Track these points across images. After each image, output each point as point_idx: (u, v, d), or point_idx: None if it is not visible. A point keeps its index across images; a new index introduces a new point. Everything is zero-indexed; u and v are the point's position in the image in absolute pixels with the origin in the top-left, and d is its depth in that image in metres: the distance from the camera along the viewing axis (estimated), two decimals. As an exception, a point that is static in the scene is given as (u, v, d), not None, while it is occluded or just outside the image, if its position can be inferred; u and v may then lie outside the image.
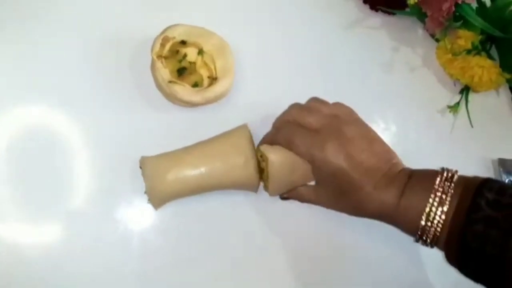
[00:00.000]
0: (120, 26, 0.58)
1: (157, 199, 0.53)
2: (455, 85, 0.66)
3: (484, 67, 0.61)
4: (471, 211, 0.43)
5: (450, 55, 0.63)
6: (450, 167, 0.62)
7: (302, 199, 0.54)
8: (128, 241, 0.54)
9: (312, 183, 0.52)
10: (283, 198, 0.55)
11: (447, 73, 0.65)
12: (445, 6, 0.58)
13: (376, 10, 0.66)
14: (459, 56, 0.62)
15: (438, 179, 0.46)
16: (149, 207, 0.54)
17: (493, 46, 0.65)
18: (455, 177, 0.46)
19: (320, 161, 0.48)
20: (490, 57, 0.63)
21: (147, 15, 0.59)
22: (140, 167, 0.53)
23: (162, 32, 0.55)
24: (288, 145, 0.50)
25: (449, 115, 0.64)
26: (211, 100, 0.55)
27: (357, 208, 0.49)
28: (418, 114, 0.65)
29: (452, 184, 0.45)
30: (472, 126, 0.64)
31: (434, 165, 0.62)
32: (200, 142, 0.54)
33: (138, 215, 0.55)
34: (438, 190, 0.45)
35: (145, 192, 0.52)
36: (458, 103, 0.64)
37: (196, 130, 0.55)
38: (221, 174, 0.53)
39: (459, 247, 0.43)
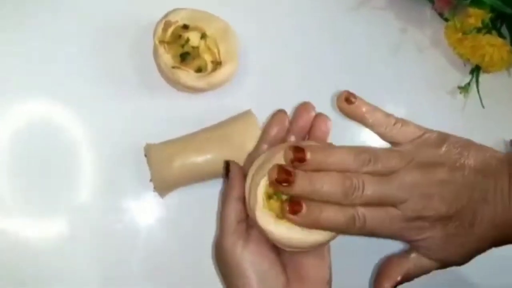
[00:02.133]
0: (121, 12, 0.57)
1: (163, 186, 0.52)
2: (465, 65, 0.64)
3: (495, 46, 0.60)
4: None
5: (459, 35, 0.61)
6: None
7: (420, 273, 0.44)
8: (134, 231, 0.53)
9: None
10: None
11: (456, 53, 0.63)
12: (454, -17, 0.57)
13: (383, -10, 0.64)
14: (469, 35, 0.60)
15: None
16: (155, 195, 0.53)
17: (504, 25, 0.63)
18: None
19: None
20: (501, 35, 0.62)
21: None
22: (145, 155, 0.53)
23: (164, 17, 0.54)
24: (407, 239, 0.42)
25: (460, 96, 0.63)
26: (215, 85, 0.54)
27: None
28: (428, 96, 0.63)
29: None
30: (483, 107, 0.62)
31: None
32: (205, 128, 0.54)
33: (144, 203, 0.54)
34: None
35: (151, 180, 0.52)
36: (468, 84, 0.62)
37: (200, 116, 0.55)
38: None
39: None
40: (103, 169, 0.54)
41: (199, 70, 0.54)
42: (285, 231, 0.40)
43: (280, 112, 0.47)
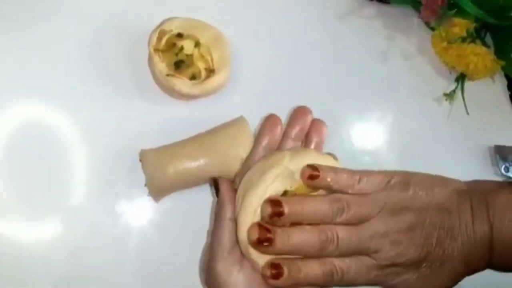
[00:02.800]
0: (116, 20, 0.58)
1: (158, 191, 0.53)
2: (450, 73, 0.66)
3: (479, 55, 0.61)
4: None
5: (445, 43, 0.63)
6: (447, 155, 0.63)
7: None
8: (128, 235, 0.54)
9: None
10: None
11: (442, 61, 0.65)
12: (440, -6, 0.59)
13: (371, 0, 0.66)
14: (454, 44, 0.62)
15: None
16: (150, 200, 0.54)
17: (488, 34, 0.65)
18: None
19: None
20: (485, 44, 0.64)
21: (143, 8, 0.59)
22: (140, 160, 0.53)
23: (158, 26, 0.55)
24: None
25: (445, 103, 0.65)
26: (209, 92, 0.55)
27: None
28: (414, 102, 0.65)
29: None
30: (468, 114, 0.64)
31: (431, 153, 0.63)
32: (199, 134, 0.55)
33: (139, 208, 0.55)
34: None
35: (145, 185, 0.53)
36: (454, 91, 0.64)
37: (194, 122, 0.56)
38: (221, 165, 0.53)
39: None
40: (99, 173, 0.55)
41: (193, 77, 0.55)
42: None
43: (272, 117, 0.47)
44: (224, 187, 0.43)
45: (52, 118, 0.56)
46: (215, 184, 0.44)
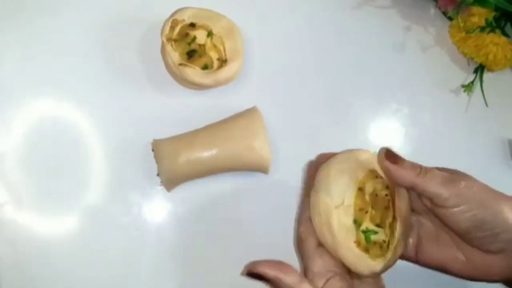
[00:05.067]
0: (129, 10, 0.59)
1: (170, 181, 0.53)
2: (469, 64, 0.64)
3: (498, 44, 0.60)
4: None
5: (463, 33, 0.61)
6: (464, 148, 0.62)
7: None
8: (142, 223, 0.55)
9: None
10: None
11: (460, 51, 0.64)
12: (458, -18, 0.57)
13: (387, -10, 0.65)
14: (473, 34, 0.61)
15: None
16: (162, 189, 0.54)
17: (508, 23, 0.63)
18: None
19: None
20: (504, 34, 0.62)
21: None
22: (153, 150, 0.54)
23: (171, 15, 0.55)
24: None
25: (464, 95, 0.63)
26: (221, 82, 0.55)
27: None
28: (432, 94, 0.64)
29: None
30: (487, 106, 0.63)
31: (449, 146, 0.62)
32: (211, 124, 0.55)
33: (151, 197, 0.55)
34: None
35: (158, 175, 0.53)
36: (472, 82, 0.63)
37: (206, 112, 0.56)
38: (232, 155, 0.53)
39: None
40: (112, 163, 0.55)
41: (205, 67, 0.55)
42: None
43: None
44: (261, 267, 0.38)
45: (66, 110, 0.56)
46: (254, 275, 0.38)
